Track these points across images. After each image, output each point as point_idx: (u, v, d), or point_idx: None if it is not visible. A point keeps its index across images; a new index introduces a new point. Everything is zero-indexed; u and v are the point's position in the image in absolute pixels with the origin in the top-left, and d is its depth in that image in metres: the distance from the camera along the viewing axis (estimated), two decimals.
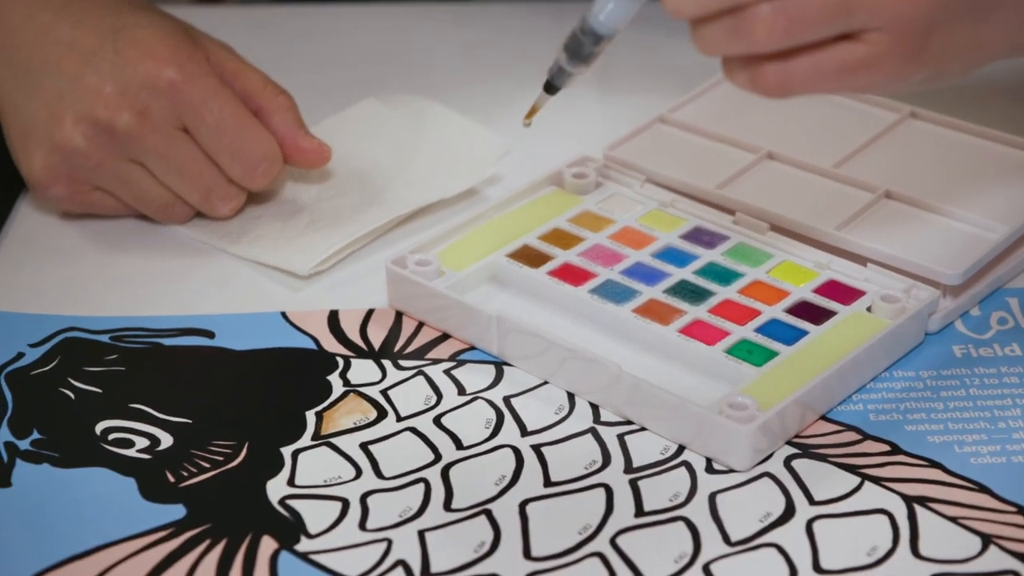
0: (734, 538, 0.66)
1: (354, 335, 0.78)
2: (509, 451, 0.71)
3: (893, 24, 0.63)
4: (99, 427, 0.73)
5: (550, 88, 0.71)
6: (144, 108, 0.80)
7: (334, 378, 0.75)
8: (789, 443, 0.71)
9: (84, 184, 0.83)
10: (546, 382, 0.75)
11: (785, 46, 0.63)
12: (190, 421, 0.73)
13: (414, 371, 0.76)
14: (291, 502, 0.69)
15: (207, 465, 0.71)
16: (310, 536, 0.67)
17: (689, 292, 0.77)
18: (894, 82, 0.64)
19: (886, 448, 0.70)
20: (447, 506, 0.68)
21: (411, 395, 0.74)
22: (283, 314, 0.79)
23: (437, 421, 0.73)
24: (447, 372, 0.75)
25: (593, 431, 0.72)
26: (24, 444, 0.72)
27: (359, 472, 0.70)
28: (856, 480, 0.69)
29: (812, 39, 0.63)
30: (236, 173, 0.82)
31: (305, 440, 0.72)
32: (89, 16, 0.82)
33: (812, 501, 0.68)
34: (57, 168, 0.81)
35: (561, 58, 0.70)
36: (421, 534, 0.67)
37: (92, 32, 0.81)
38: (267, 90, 0.84)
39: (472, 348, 0.77)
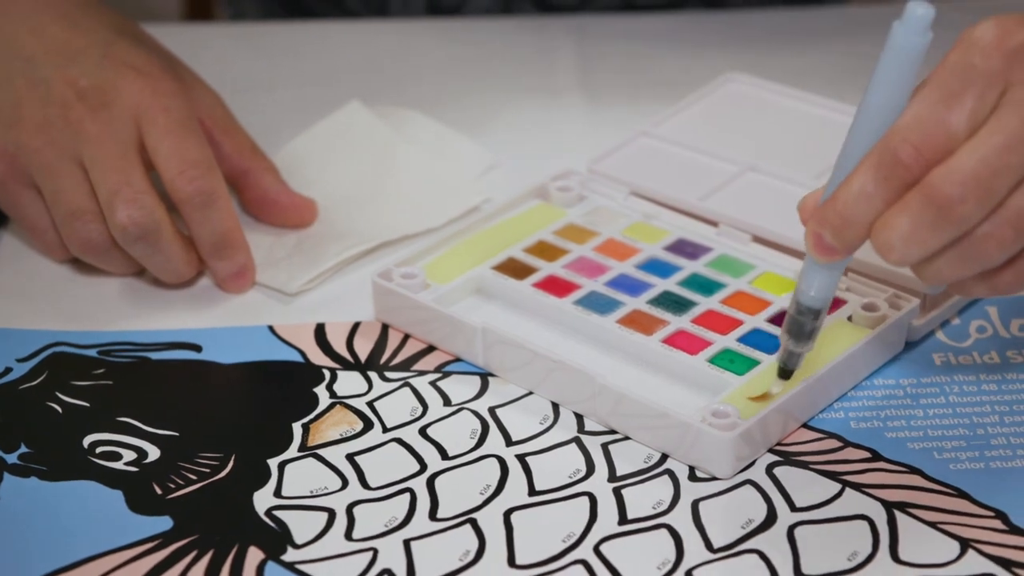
0: (716, 545, 0.67)
1: (340, 348, 0.78)
2: (494, 461, 0.72)
3: None
4: (87, 440, 0.73)
5: (784, 374, 0.71)
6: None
7: (320, 390, 0.76)
8: (771, 451, 0.71)
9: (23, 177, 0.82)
10: (531, 393, 0.75)
11: (1015, 252, 0.64)
12: (177, 434, 0.73)
13: (400, 383, 0.76)
14: (278, 513, 0.69)
15: (194, 477, 0.71)
16: (296, 546, 0.68)
17: (672, 303, 0.78)
18: None
19: (866, 455, 0.71)
20: (432, 515, 0.69)
21: (397, 406, 0.75)
22: (270, 327, 0.80)
23: (423, 432, 0.73)
24: (433, 383, 0.76)
25: (577, 440, 0.73)
26: (12, 458, 0.72)
27: (345, 483, 0.71)
28: (837, 487, 0.69)
29: None
30: (169, 175, 0.80)
31: (292, 452, 0.72)
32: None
33: (793, 508, 0.68)
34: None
35: (788, 343, 0.69)
36: (407, 543, 0.68)
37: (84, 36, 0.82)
38: (256, 153, 0.85)
39: (457, 360, 0.77)
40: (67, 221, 0.80)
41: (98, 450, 0.73)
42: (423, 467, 0.71)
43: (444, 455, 0.72)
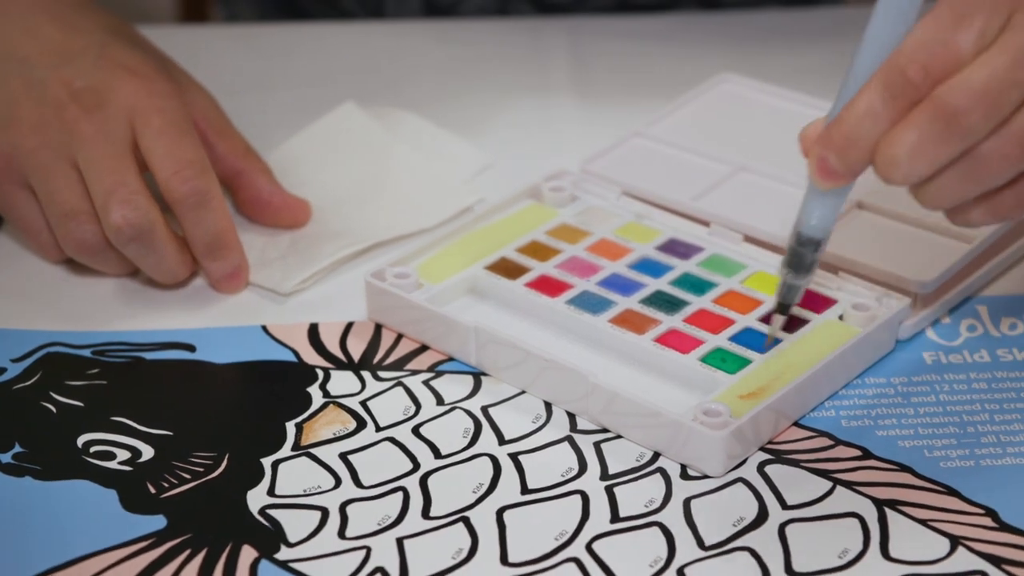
0: (708, 542, 0.67)
1: (334, 347, 0.79)
2: (487, 459, 0.72)
3: None
4: (81, 440, 0.73)
5: (783, 309, 0.71)
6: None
7: (314, 390, 0.76)
8: (762, 449, 0.72)
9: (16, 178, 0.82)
10: (523, 392, 0.76)
11: (1020, 170, 0.64)
12: (171, 433, 0.74)
13: (393, 382, 0.76)
14: (271, 512, 0.70)
15: (188, 476, 0.71)
16: (290, 545, 0.68)
17: (664, 302, 0.78)
18: None
19: (857, 453, 0.71)
20: (425, 514, 0.69)
21: (390, 406, 0.75)
22: (263, 327, 0.80)
23: (416, 431, 0.74)
24: (426, 383, 0.76)
25: (570, 439, 0.73)
26: (6, 457, 0.73)
27: (338, 481, 0.71)
28: (828, 484, 0.70)
29: None
30: (163, 175, 0.80)
31: (285, 451, 0.73)
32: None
33: (785, 505, 0.69)
34: None
35: (787, 275, 0.70)
36: (400, 541, 0.68)
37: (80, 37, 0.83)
38: (250, 154, 0.85)
39: (450, 359, 0.78)
40: (61, 222, 0.80)
41: (92, 449, 0.73)
42: (416, 466, 0.72)
43: (437, 454, 0.72)
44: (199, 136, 0.82)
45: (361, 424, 0.74)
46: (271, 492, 0.71)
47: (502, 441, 0.73)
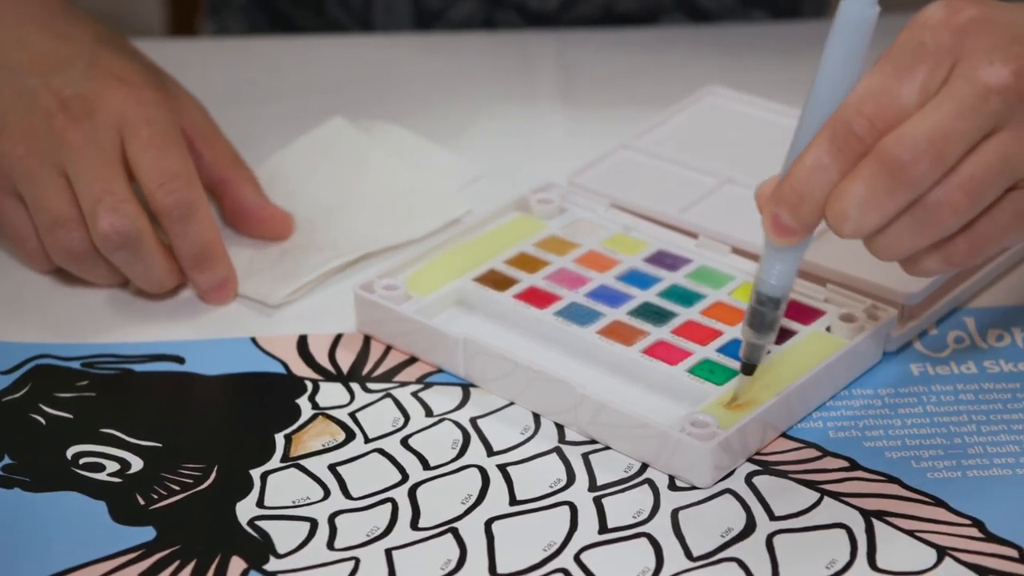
0: (696, 553, 0.67)
1: (323, 359, 0.79)
2: (475, 471, 0.72)
3: None
4: (70, 452, 0.73)
5: (748, 369, 0.71)
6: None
7: (303, 401, 0.76)
8: (750, 460, 0.72)
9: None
10: (512, 403, 0.76)
11: (968, 218, 0.65)
12: (160, 445, 0.74)
13: (382, 394, 0.77)
14: (260, 523, 0.70)
15: (177, 488, 0.72)
16: (279, 556, 0.68)
17: (652, 313, 0.78)
18: None
19: (845, 464, 0.72)
20: (414, 525, 0.69)
21: (379, 417, 0.75)
22: (252, 339, 0.80)
23: (404, 442, 0.74)
24: (414, 394, 0.77)
25: (558, 450, 0.73)
26: None
27: (327, 493, 0.71)
28: (815, 495, 0.70)
29: (988, 201, 0.65)
30: (149, 187, 0.80)
31: (274, 462, 0.73)
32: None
33: (772, 516, 0.69)
34: None
35: (749, 335, 0.70)
36: (388, 552, 0.68)
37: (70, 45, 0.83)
38: (236, 163, 0.85)
39: (439, 371, 0.78)
40: (50, 229, 0.80)
41: (81, 461, 0.73)
42: (405, 477, 0.72)
43: (426, 465, 0.72)
44: (187, 144, 0.83)
45: (350, 436, 0.74)
46: (260, 503, 0.71)
47: (491, 452, 0.73)
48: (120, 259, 0.80)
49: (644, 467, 0.72)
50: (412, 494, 0.71)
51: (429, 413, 0.75)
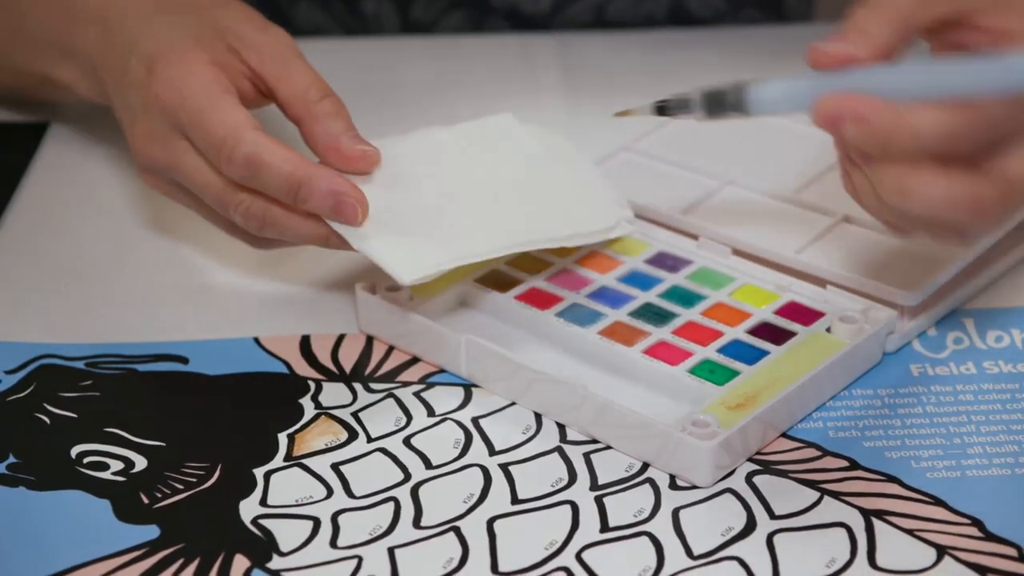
0: (696, 552, 0.68)
1: (325, 359, 0.79)
2: (477, 470, 0.72)
3: None
4: (74, 451, 0.74)
5: (662, 111, 0.72)
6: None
7: (306, 401, 0.77)
8: (751, 460, 0.72)
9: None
10: (513, 403, 0.76)
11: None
12: (164, 444, 0.74)
13: (384, 394, 0.77)
14: (263, 521, 0.70)
15: (180, 486, 0.72)
16: (282, 554, 0.68)
17: (653, 314, 0.79)
18: None
19: (845, 464, 0.72)
20: (416, 523, 0.70)
21: (381, 417, 0.76)
22: (255, 339, 0.81)
23: (407, 442, 0.74)
24: (417, 394, 0.77)
25: (559, 450, 0.73)
26: (0, 468, 0.73)
27: (330, 492, 0.71)
28: (816, 495, 0.70)
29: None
30: (211, 155, 0.77)
31: (277, 461, 0.73)
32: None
33: (773, 515, 0.69)
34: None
35: (695, 105, 0.72)
36: (391, 551, 0.68)
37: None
38: (308, 95, 0.79)
39: (441, 371, 0.78)
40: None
41: (85, 460, 0.73)
42: (407, 476, 0.72)
43: (428, 464, 0.73)
44: (260, 88, 0.79)
45: (353, 435, 0.75)
46: (263, 502, 0.71)
47: (492, 452, 0.73)
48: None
49: (645, 466, 0.72)
50: (414, 493, 0.71)
51: (431, 413, 0.76)
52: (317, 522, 0.70)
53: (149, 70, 0.79)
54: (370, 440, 0.74)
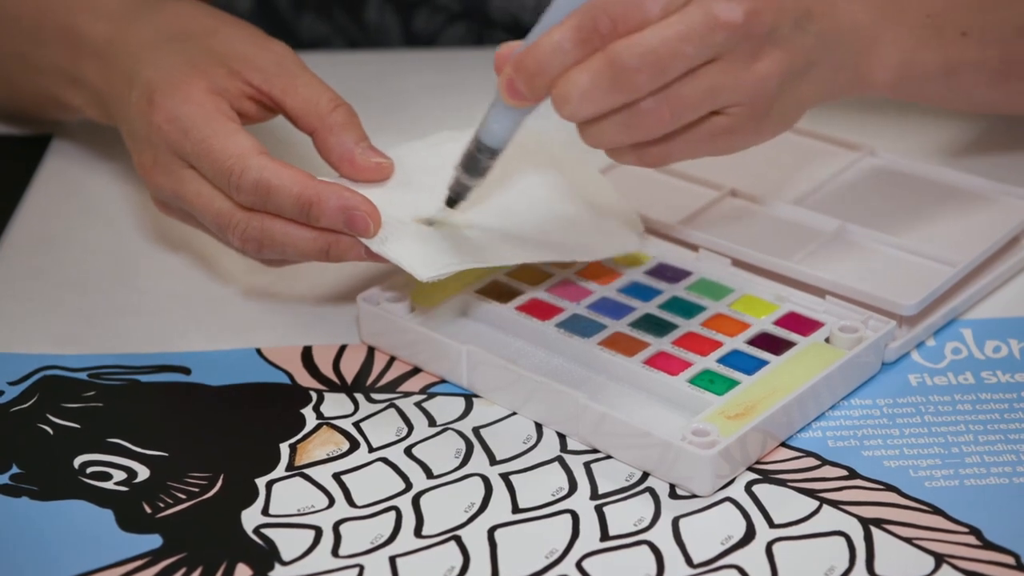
0: (696, 560, 0.68)
1: (327, 370, 0.80)
2: (478, 479, 0.73)
3: (748, 99, 0.72)
4: (77, 461, 0.74)
5: (451, 203, 0.77)
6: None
7: (307, 411, 0.77)
8: (750, 469, 0.73)
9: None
10: (514, 413, 0.77)
11: (669, 131, 0.71)
12: (166, 454, 0.75)
13: (386, 404, 0.77)
14: (265, 531, 0.70)
15: (183, 496, 0.72)
16: (284, 563, 0.69)
17: (653, 325, 0.79)
18: (749, 142, 0.74)
19: (844, 473, 0.72)
20: (418, 532, 0.70)
21: (382, 427, 0.76)
22: (258, 350, 0.81)
23: (408, 451, 0.75)
24: (418, 404, 0.77)
25: (560, 459, 0.74)
26: (3, 478, 0.73)
27: (332, 501, 0.72)
28: (815, 504, 0.71)
29: (689, 120, 0.71)
30: (220, 182, 0.77)
31: (279, 471, 0.74)
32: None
33: (772, 524, 0.70)
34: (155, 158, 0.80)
35: (461, 176, 0.76)
36: (392, 560, 0.69)
37: None
38: (319, 106, 0.80)
39: (442, 381, 0.79)
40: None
41: (89, 470, 0.74)
42: (408, 486, 0.73)
43: (429, 474, 0.73)
44: (267, 103, 0.80)
45: (354, 445, 0.75)
46: (265, 511, 0.71)
47: (493, 461, 0.74)
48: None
49: (645, 476, 0.73)
50: (416, 502, 0.72)
51: (432, 423, 0.76)
52: (319, 531, 0.70)
53: (149, 100, 0.80)
54: (371, 450, 0.75)
